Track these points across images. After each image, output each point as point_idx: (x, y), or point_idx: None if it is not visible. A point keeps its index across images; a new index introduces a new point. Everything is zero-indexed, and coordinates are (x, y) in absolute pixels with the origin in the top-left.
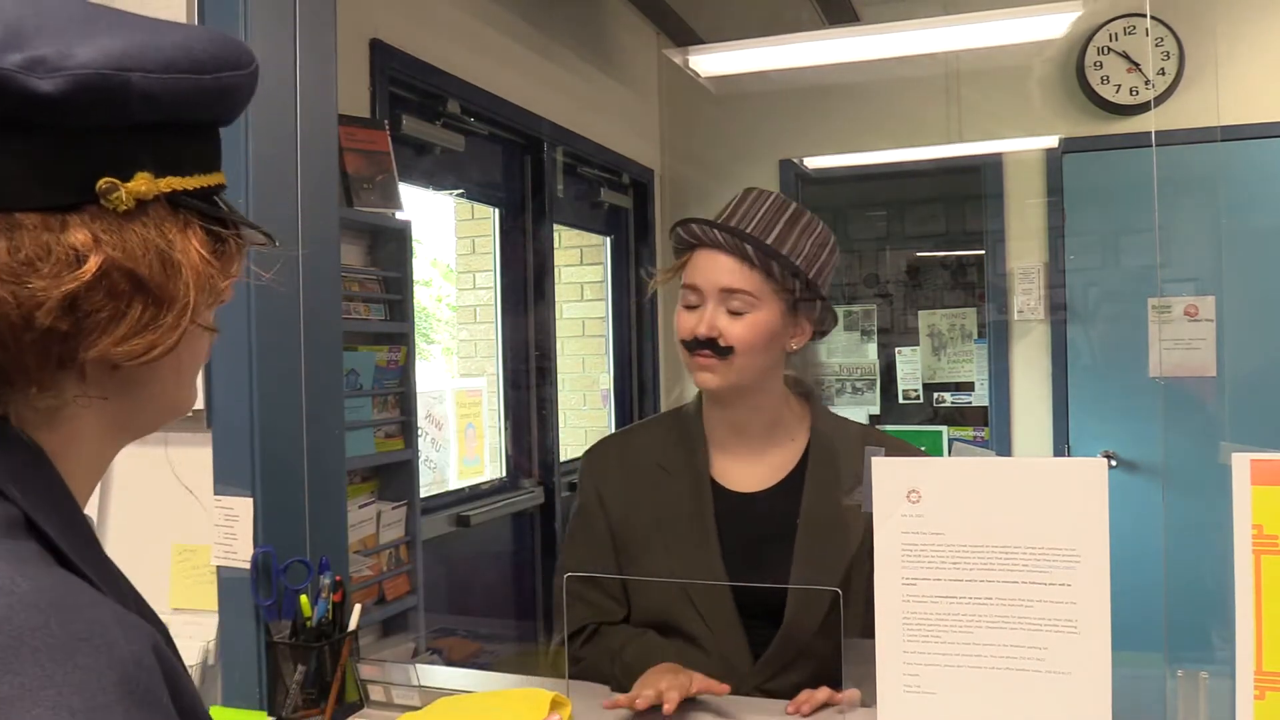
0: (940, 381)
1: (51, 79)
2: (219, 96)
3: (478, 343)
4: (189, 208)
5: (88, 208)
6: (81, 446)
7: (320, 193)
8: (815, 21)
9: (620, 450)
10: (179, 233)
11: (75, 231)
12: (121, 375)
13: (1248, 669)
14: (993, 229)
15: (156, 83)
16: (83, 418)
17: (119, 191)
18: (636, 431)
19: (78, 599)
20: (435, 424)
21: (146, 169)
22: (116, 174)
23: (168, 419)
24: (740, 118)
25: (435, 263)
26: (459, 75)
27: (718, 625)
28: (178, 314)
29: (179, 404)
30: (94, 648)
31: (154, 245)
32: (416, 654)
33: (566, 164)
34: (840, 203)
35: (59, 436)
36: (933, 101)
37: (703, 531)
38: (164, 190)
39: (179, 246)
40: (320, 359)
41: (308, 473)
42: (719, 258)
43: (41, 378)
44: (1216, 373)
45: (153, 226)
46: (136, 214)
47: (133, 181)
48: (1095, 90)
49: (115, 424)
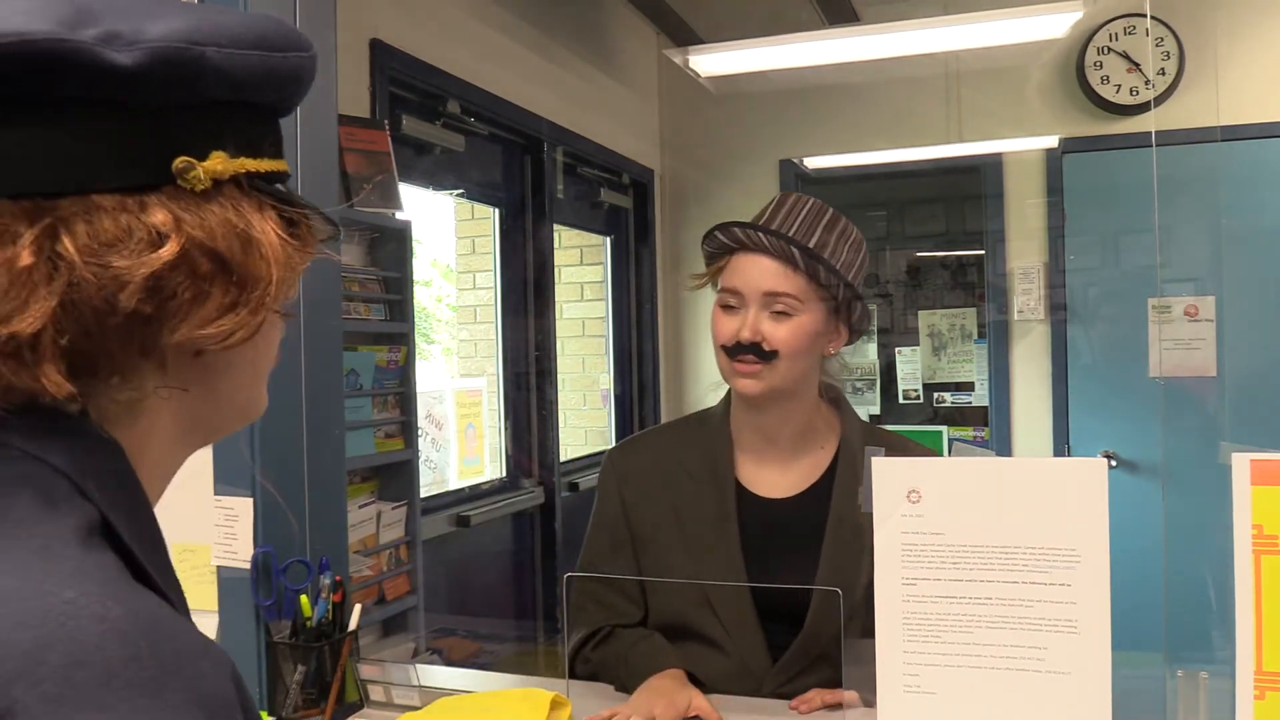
0: (940, 381)
1: (129, 52)
2: (287, 77)
3: (478, 343)
4: (260, 190)
5: (165, 188)
6: (156, 446)
7: (320, 193)
8: (815, 21)
9: (643, 452)
10: (256, 214)
11: (155, 211)
12: (202, 365)
13: (1248, 669)
14: (993, 229)
15: (229, 58)
16: (160, 415)
17: (196, 170)
18: (661, 433)
19: (167, 627)
20: (435, 424)
21: (222, 148)
22: (193, 153)
23: (241, 421)
24: (740, 118)
25: (435, 263)
26: (459, 75)
27: (736, 629)
28: (260, 293)
29: (253, 404)
30: (183, 682)
31: (233, 225)
32: (416, 654)
33: (566, 164)
34: (840, 203)
35: (136, 434)
36: (933, 101)
37: (726, 536)
38: (239, 171)
39: (257, 226)
40: (320, 359)
41: (308, 473)
42: (762, 261)
43: (125, 366)
44: (1216, 373)
45: (230, 207)
46: (213, 194)
47: (209, 160)
48: (1095, 90)
49: (191, 422)
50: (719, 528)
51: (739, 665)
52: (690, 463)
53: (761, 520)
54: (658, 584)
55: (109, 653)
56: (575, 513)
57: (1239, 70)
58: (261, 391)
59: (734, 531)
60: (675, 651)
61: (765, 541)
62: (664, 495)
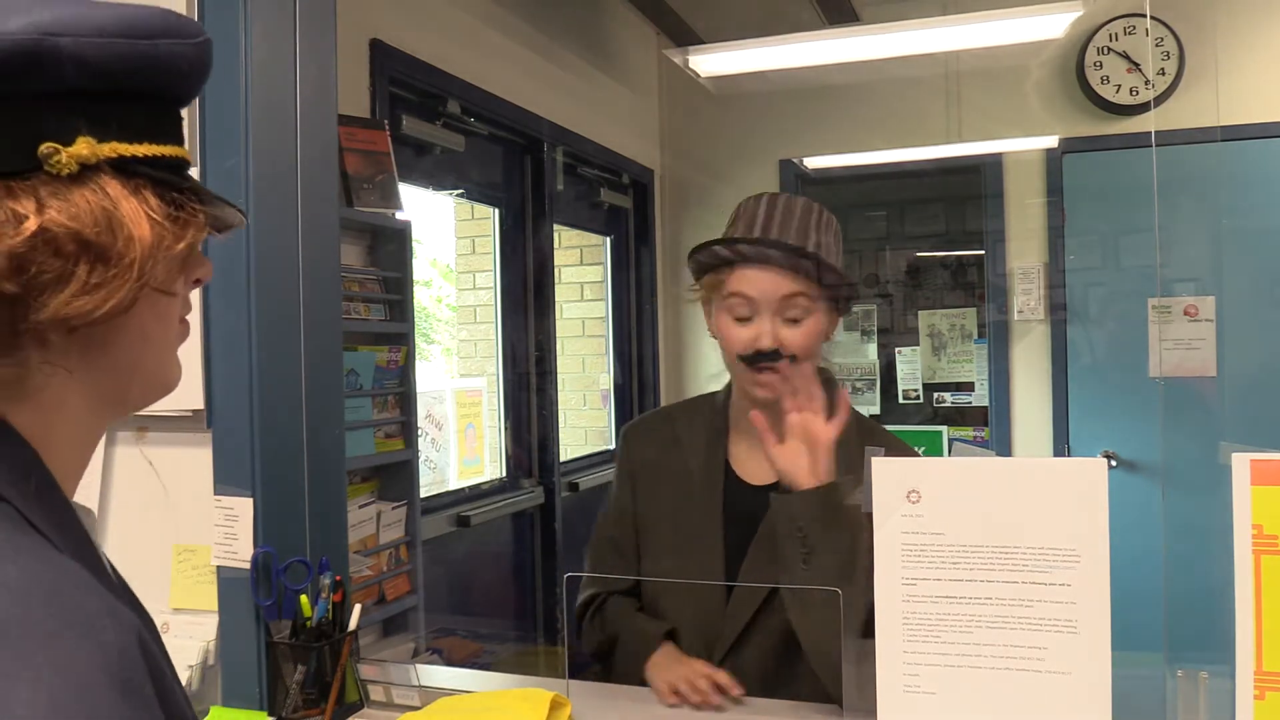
0: (940, 381)
1: None
2: (160, 64)
3: (478, 343)
4: (139, 174)
5: (34, 175)
6: (61, 421)
7: (320, 193)
8: (815, 21)
9: (654, 427)
10: (126, 196)
11: (20, 196)
12: (82, 341)
13: (1248, 669)
14: (993, 229)
15: (89, 46)
16: (55, 389)
17: (60, 155)
18: (673, 410)
19: (68, 587)
20: (435, 424)
21: (88, 134)
22: (58, 140)
23: (153, 393)
24: (740, 118)
25: (435, 263)
26: (459, 75)
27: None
28: (124, 270)
29: (161, 378)
30: (77, 634)
31: (99, 206)
32: (416, 654)
33: (566, 164)
34: (840, 203)
35: (30, 408)
36: (933, 101)
37: (709, 518)
38: (108, 155)
39: (125, 208)
40: (320, 359)
41: (308, 473)
42: (770, 270)
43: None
44: (1216, 373)
45: (98, 189)
46: (82, 178)
47: (74, 146)
48: (1095, 90)
49: (98, 396)
50: (703, 509)
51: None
52: (689, 444)
53: (745, 506)
54: (649, 565)
55: (2, 610)
56: (575, 513)
57: (1239, 70)
58: (168, 363)
59: (717, 515)
60: (658, 623)
61: (746, 527)
62: (662, 469)
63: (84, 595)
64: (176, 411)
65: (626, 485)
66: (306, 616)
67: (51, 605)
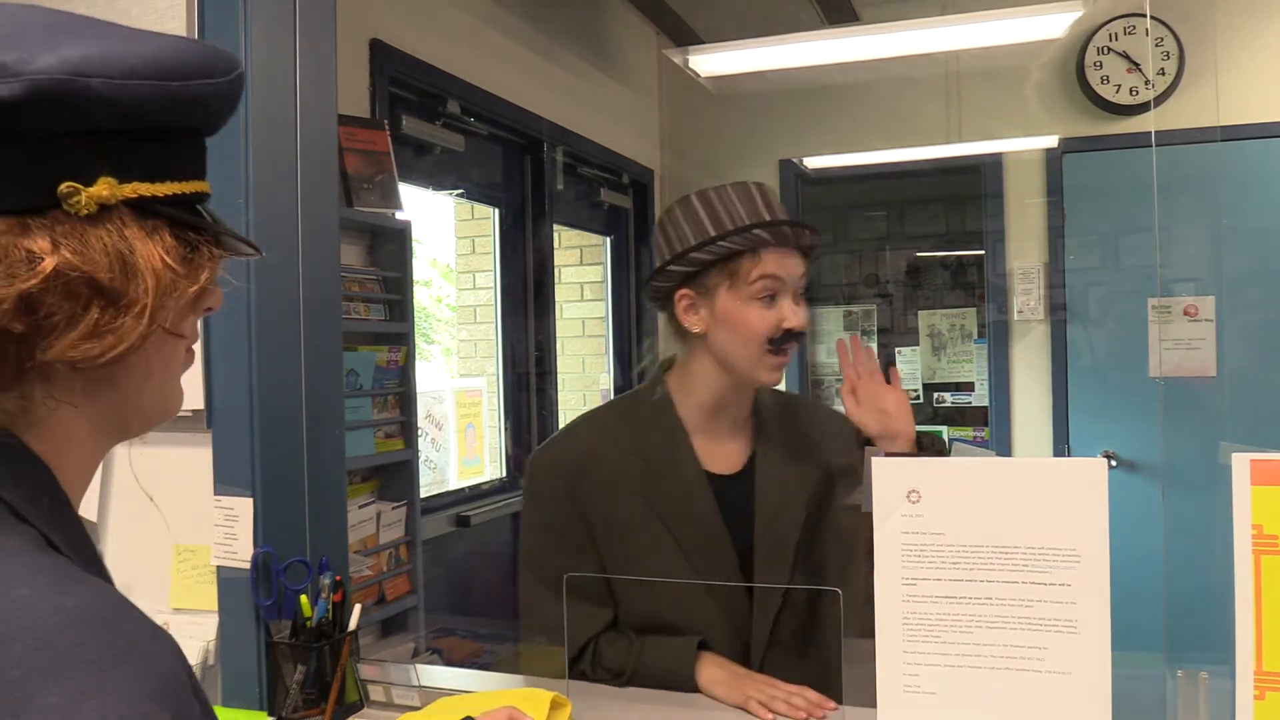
0: (940, 381)
1: (9, 84)
2: (190, 104)
3: (478, 343)
4: (158, 214)
5: (51, 212)
6: (75, 448)
7: (320, 193)
8: (815, 21)
9: (581, 448)
10: (143, 238)
11: (35, 235)
12: (86, 377)
13: (1248, 669)
14: (993, 229)
15: (119, 89)
16: (63, 420)
17: (80, 196)
18: (590, 427)
19: (119, 613)
20: (435, 424)
21: (110, 174)
22: (79, 179)
23: (154, 421)
24: (740, 118)
25: (435, 263)
26: (459, 75)
27: (734, 608)
28: (135, 317)
29: (162, 407)
30: (135, 659)
31: (114, 249)
32: (416, 654)
33: (566, 164)
34: (840, 203)
35: (36, 435)
36: (932, 101)
37: (709, 518)
38: (129, 196)
39: (140, 251)
40: (320, 359)
41: (308, 473)
42: (793, 253)
43: (2, 377)
44: (1216, 373)
45: (115, 231)
46: (99, 219)
47: (95, 186)
48: (1095, 90)
49: (98, 426)
50: (697, 507)
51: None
52: (646, 449)
53: (728, 497)
54: (646, 588)
55: (67, 637)
56: None
57: (1239, 70)
58: (170, 392)
59: (716, 516)
60: (685, 637)
61: (736, 517)
62: (625, 484)
63: (133, 622)
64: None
65: (572, 522)
66: (306, 616)
67: (110, 631)
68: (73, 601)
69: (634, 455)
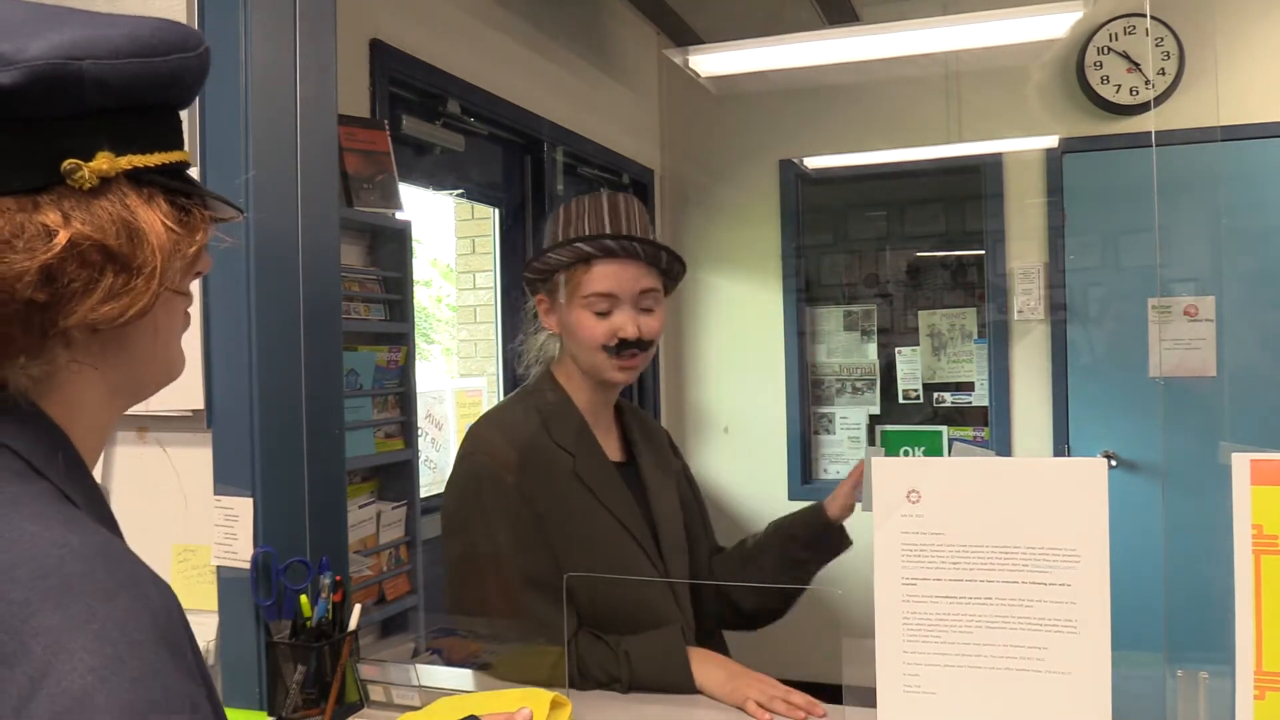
0: (940, 381)
1: (8, 72)
2: (171, 79)
3: (478, 343)
4: (152, 182)
5: (56, 188)
6: (83, 410)
7: (320, 193)
8: (815, 21)
9: (513, 440)
10: (143, 205)
11: (46, 210)
12: (103, 339)
13: (1248, 669)
14: (993, 229)
15: (108, 68)
16: (79, 384)
17: (82, 171)
18: (513, 419)
19: (120, 554)
20: (435, 424)
21: (107, 149)
22: (79, 155)
23: (162, 382)
24: (740, 118)
25: (435, 263)
26: (459, 75)
27: (677, 590)
28: (147, 278)
29: (167, 367)
30: (133, 595)
31: (119, 217)
32: (416, 654)
33: (566, 164)
34: (840, 203)
35: (57, 399)
36: (933, 101)
37: (629, 508)
38: (125, 167)
39: (143, 217)
40: (320, 359)
41: (308, 473)
42: (629, 264)
43: (28, 346)
44: (1216, 373)
45: (118, 201)
46: (102, 191)
47: (94, 161)
48: (1095, 90)
49: (113, 387)
50: (619, 493)
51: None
52: (564, 439)
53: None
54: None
55: (68, 569)
56: None
57: (1239, 70)
58: (174, 354)
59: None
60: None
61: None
62: (563, 476)
63: (135, 564)
64: (176, 411)
65: (521, 511)
66: (306, 616)
67: (111, 567)
68: (78, 540)
69: (557, 448)
